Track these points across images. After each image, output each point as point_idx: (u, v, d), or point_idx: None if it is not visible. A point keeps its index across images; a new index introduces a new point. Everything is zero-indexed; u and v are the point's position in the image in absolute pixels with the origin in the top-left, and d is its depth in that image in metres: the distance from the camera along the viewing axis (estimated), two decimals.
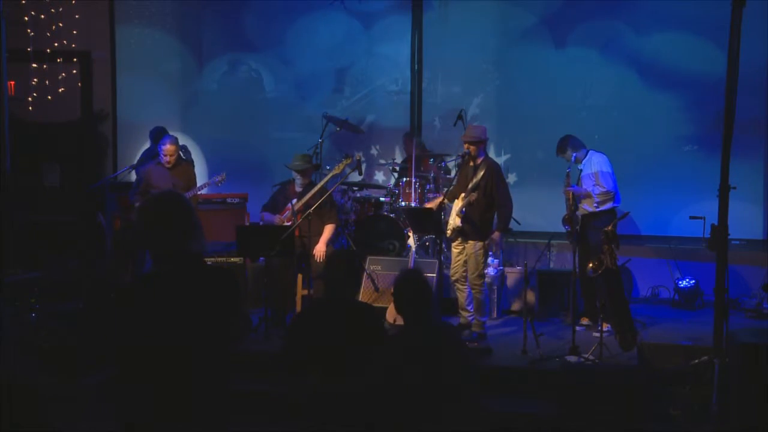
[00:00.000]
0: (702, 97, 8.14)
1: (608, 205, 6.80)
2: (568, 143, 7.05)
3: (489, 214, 6.51)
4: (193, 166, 8.13)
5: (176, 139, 7.60)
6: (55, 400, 5.51)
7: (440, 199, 6.66)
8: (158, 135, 8.42)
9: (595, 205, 6.77)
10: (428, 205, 6.75)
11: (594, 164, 6.87)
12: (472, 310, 6.59)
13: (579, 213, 6.76)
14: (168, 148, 7.34)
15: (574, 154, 7.00)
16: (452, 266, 6.64)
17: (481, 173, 6.44)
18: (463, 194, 6.50)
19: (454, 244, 6.64)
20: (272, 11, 9.32)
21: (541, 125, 8.69)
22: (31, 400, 2.39)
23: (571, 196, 6.62)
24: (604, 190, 6.75)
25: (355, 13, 9.15)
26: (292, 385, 3.98)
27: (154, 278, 2.98)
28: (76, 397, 5.65)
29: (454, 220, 6.51)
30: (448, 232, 6.59)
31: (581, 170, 6.97)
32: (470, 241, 6.47)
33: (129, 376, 2.86)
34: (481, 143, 6.51)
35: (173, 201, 3.01)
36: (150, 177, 7.43)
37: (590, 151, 7.00)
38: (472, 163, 6.56)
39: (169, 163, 7.36)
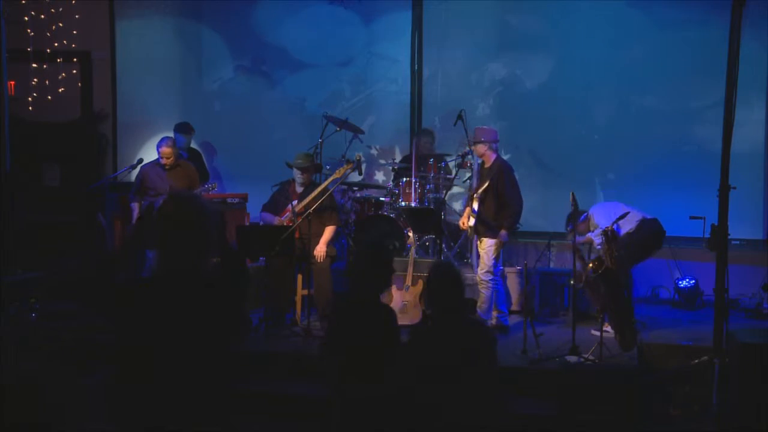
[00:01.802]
0: (702, 97, 8.15)
1: (633, 224, 6.76)
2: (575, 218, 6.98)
3: (501, 215, 6.66)
4: (198, 169, 8.13)
5: (173, 140, 7.62)
6: (55, 399, 5.50)
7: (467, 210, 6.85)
8: (183, 130, 8.51)
9: (598, 246, 6.75)
10: (463, 221, 6.92)
11: (593, 219, 6.88)
12: (505, 311, 6.85)
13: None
14: (164, 150, 7.39)
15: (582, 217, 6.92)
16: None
17: (492, 175, 6.64)
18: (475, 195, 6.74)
19: (478, 245, 6.84)
20: (272, 11, 9.32)
21: (542, 125, 8.69)
22: (35, 399, 2.39)
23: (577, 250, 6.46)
24: (599, 230, 6.68)
25: (355, 13, 9.14)
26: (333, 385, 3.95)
27: (157, 279, 2.97)
28: (76, 397, 5.65)
29: (469, 220, 6.73)
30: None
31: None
32: (483, 239, 6.67)
33: (129, 376, 2.86)
34: (483, 144, 6.67)
35: (183, 205, 3.00)
36: (146, 178, 7.47)
37: (591, 210, 6.97)
38: (486, 166, 6.76)
39: (166, 165, 7.39)
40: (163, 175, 7.40)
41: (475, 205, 6.69)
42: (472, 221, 6.71)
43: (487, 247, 6.66)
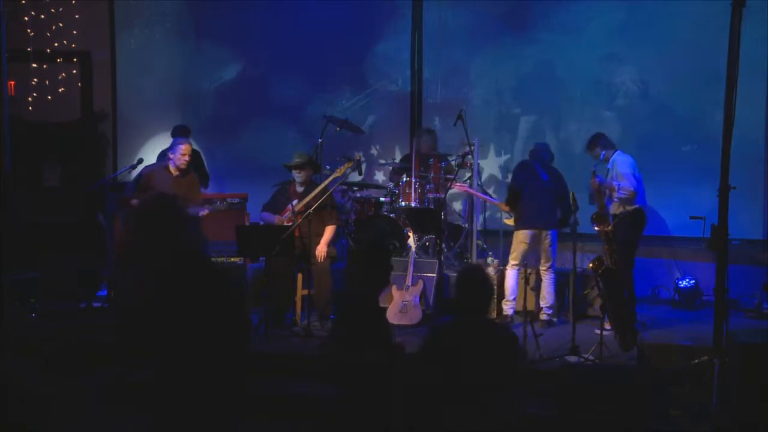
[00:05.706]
0: (701, 97, 8.14)
1: (635, 205, 6.79)
2: (598, 142, 7.07)
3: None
4: (198, 169, 8.11)
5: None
6: (55, 400, 5.51)
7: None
8: (181, 133, 8.35)
9: (616, 198, 6.76)
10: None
11: (617, 165, 6.87)
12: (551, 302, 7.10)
13: (609, 212, 6.77)
14: (186, 147, 6.96)
15: (603, 152, 6.99)
16: None
17: None
18: None
19: None
20: (272, 11, 9.31)
21: (541, 125, 8.69)
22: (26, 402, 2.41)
23: (597, 189, 6.62)
24: (627, 186, 6.74)
25: (354, 12, 9.13)
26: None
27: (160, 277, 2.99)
28: (76, 398, 5.65)
29: None
30: None
31: (609, 169, 6.95)
32: None
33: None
34: None
35: (159, 204, 3.03)
36: (152, 179, 6.98)
37: (617, 152, 6.99)
38: None
39: (185, 165, 6.97)
40: (169, 182, 6.91)
41: None
42: None
43: None
